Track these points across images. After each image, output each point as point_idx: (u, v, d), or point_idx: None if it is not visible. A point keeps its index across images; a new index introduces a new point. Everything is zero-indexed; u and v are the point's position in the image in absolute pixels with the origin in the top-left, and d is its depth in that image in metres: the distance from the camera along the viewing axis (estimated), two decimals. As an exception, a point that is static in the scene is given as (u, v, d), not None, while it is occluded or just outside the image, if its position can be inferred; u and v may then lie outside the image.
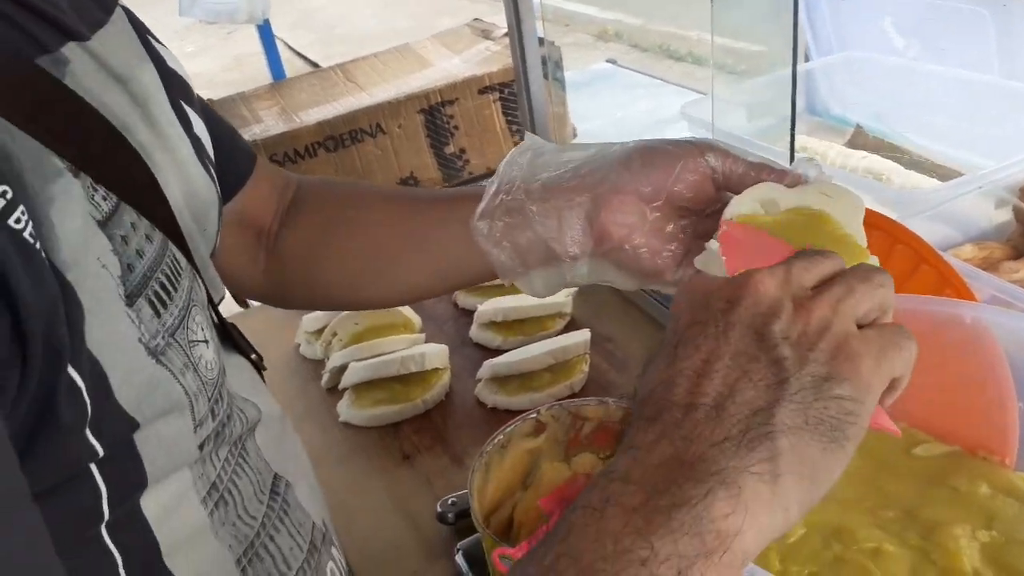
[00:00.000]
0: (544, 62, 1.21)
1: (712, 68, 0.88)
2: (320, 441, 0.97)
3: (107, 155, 0.41)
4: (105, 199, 0.39)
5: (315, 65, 4.77)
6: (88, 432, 0.36)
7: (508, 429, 0.72)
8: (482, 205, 0.55)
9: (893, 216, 0.69)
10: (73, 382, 0.34)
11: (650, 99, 1.78)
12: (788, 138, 1.16)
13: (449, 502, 0.81)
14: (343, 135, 1.47)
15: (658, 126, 1.62)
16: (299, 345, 1.14)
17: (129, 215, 0.40)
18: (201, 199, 0.52)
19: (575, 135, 1.64)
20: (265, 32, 2.39)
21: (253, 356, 0.58)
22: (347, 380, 0.98)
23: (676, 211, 0.52)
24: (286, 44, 4.47)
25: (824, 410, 0.33)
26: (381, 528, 0.84)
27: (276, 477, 0.52)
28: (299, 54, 5.14)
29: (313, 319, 1.12)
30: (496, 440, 0.71)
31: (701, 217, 0.53)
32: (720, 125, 1.21)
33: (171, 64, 0.54)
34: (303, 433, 0.98)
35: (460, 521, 0.80)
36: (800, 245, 0.44)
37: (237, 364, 0.54)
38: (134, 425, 0.38)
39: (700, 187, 0.51)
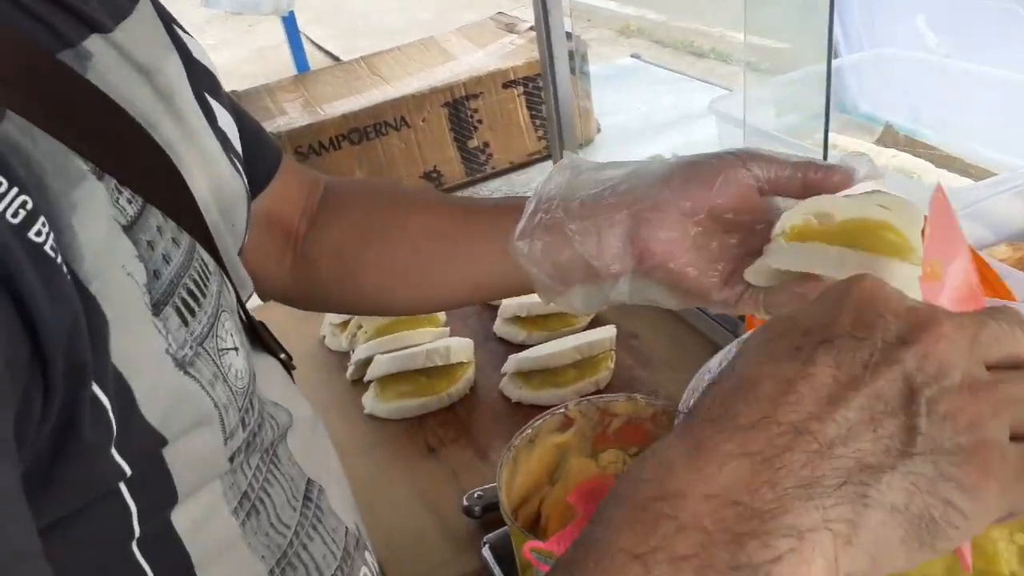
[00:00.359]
0: (571, 56, 1.21)
1: (744, 65, 0.87)
2: (345, 433, 0.97)
3: (132, 154, 0.40)
4: (130, 202, 0.37)
5: (336, 58, 4.78)
6: (114, 451, 0.34)
7: (536, 423, 0.72)
8: (521, 225, 0.53)
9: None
10: (97, 399, 0.33)
11: (675, 94, 1.77)
12: (818, 134, 1.15)
13: (475, 495, 0.81)
14: (367, 128, 1.47)
15: (683, 121, 1.62)
16: (324, 337, 1.14)
17: (155, 218, 0.39)
18: (229, 194, 0.51)
19: (599, 130, 1.63)
20: (289, 24, 2.40)
21: (282, 355, 0.57)
22: (372, 372, 0.98)
23: (722, 226, 0.50)
24: (308, 38, 4.48)
25: (930, 507, 0.29)
26: (407, 520, 0.84)
27: (309, 482, 0.50)
28: (320, 47, 5.14)
29: (338, 311, 1.12)
30: (524, 434, 0.71)
31: (750, 232, 0.50)
32: (750, 121, 1.20)
33: (197, 55, 0.52)
34: (328, 424, 0.98)
35: (486, 514, 0.80)
36: (863, 249, 0.43)
37: (266, 365, 0.53)
38: (162, 441, 0.37)
39: (744, 198, 0.49)
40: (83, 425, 0.33)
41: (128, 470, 0.35)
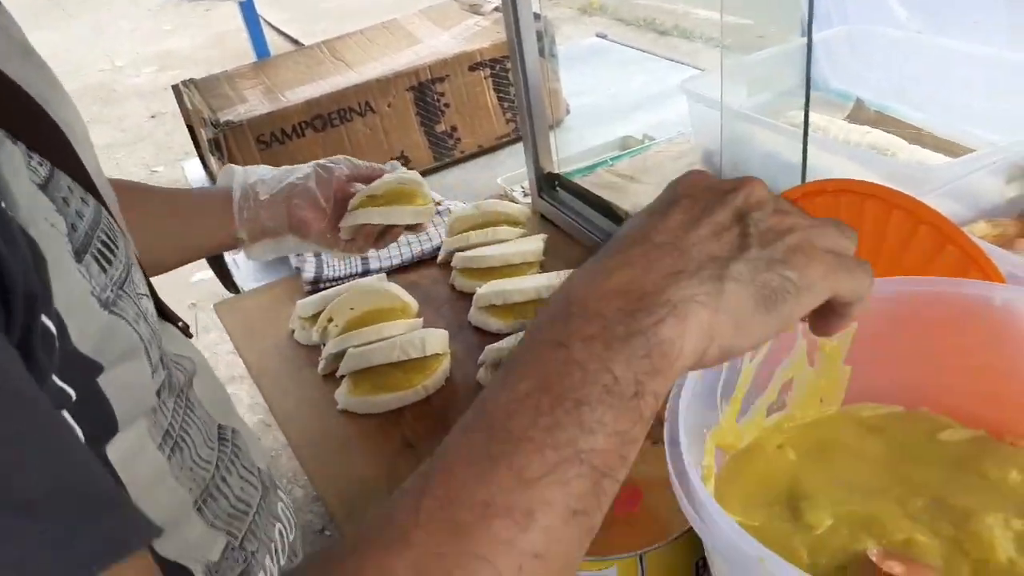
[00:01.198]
0: (539, 38, 1.18)
1: (721, 45, 0.86)
2: (318, 429, 0.94)
3: (33, 126, 0.44)
4: (41, 165, 0.41)
5: (296, 42, 4.69)
6: (55, 377, 0.37)
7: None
8: (236, 220, 0.84)
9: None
10: (47, 327, 0.36)
11: (643, 74, 1.75)
12: (791, 111, 1.14)
13: (455, 492, 0.79)
14: (331, 114, 1.42)
15: (652, 101, 1.60)
16: (293, 331, 1.11)
17: (65, 180, 0.43)
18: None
19: (568, 111, 1.60)
20: (248, 9, 2.32)
21: (180, 323, 0.62)
22: (345, 367, 0.96)
23: (338, 204, 0.87)
24: (266, 21, 4.38)
25: (769, 280, 0.38)
26: (384, 519, 0.82)
27: (221, 427, 0.57)
28: (280, 31, 5.04)
29: (307, 304, 1.09)
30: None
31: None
32: (718, 98, 1.18)
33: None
34: (301, 420, 0.96)
35: (467, 511, 0.78)
36: (397, 203, 0.87)
37: (167, 330, 0.58)
38: (98, 368, 0.41)
39: (343, 187, 0.88)
40: (36, 350, 0.34)
41: (72, 393, 0.38)
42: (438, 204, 1.22)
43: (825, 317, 0.42)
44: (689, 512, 0.45)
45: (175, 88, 1.57)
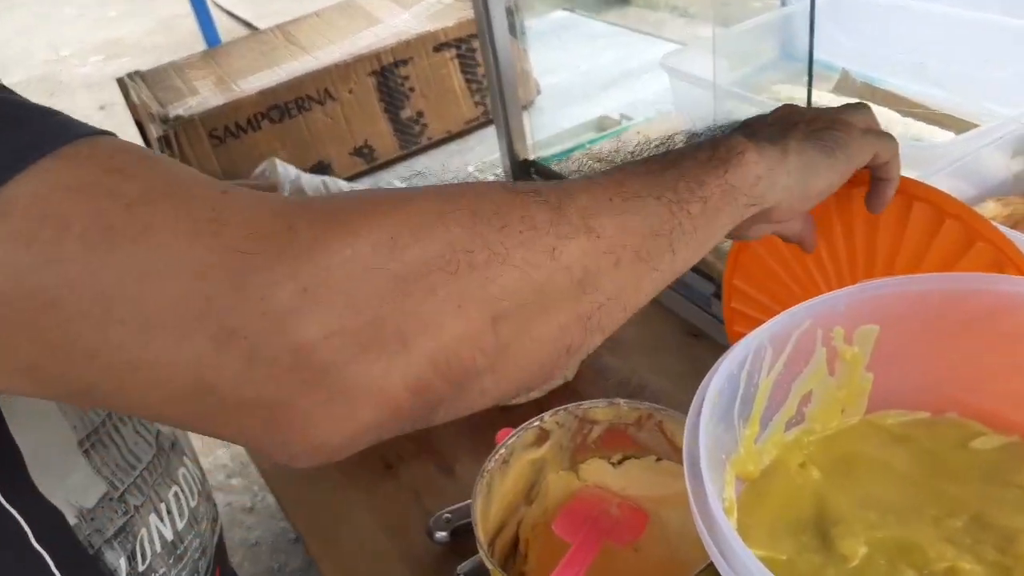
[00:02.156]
0: (510, 14, 1.10)
1: (712, 18, 0.80)
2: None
3: None
4: None
5: (249, 25, 4.54)
6: None
7: (509, 441, 0.64)
8: None
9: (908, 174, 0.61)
10: None
11: (615, 48, 1.68)
12: (776, 86, 1.08)
13: (443, 518, 0.73)
14: (288, 104, 1.34)
15: (626, 78, 1.53)
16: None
17: None
18: None
19: (539, 91, 1.53)
20: (194, -8, 2.22)
21: None
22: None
23: None
24: (216, 4, 4.23)
25: (821, 138, 0.50)
26: (366, 547, 0.76)
27: None
28: (230, 14, 4.87)
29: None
30: (497, 455, 0.63)
31: None
32: (701, 74, 1.12)
33: None
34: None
35: (456, 539, 0.72)
36: None
37: None
38: None
39: None
40: None
41: None
42: None
43: (875, 188, 0.55)
44: (718, 559, 0.40)
45: (120, 81, 1.48)
